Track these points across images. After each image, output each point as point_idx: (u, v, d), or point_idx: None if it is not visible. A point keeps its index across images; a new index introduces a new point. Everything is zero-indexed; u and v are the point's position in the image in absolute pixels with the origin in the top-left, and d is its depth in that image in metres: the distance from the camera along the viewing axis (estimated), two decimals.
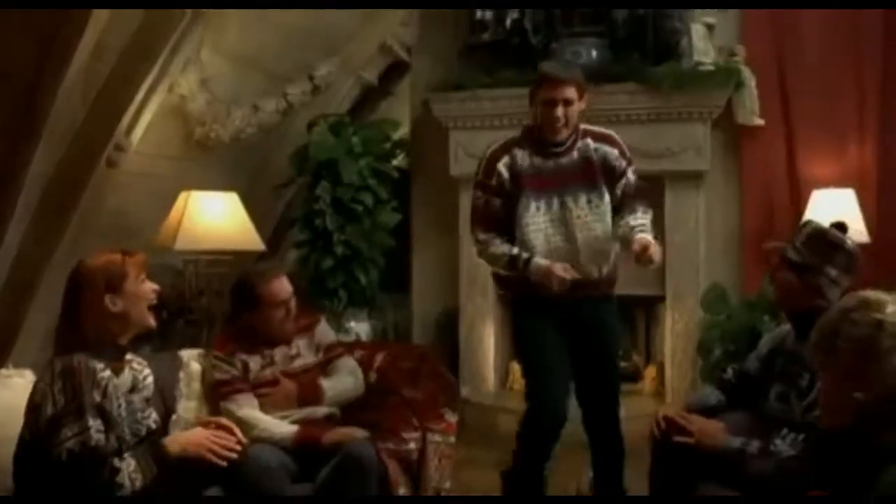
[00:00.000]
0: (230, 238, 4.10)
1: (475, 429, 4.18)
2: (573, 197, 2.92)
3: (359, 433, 2.65)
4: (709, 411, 2.55)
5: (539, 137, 2.95)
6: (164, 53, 3.56)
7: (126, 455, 2.03)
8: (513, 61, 4.57)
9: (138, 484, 2.01)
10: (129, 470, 2.01)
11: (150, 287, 2.23)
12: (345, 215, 4.71)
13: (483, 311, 4.77)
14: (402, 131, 5.27)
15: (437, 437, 2.88)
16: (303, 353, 2.87)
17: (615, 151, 2.97)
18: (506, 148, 2.98)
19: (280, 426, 2.68)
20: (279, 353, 2.84)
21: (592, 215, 2.93)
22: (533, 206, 2.92)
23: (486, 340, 4.79)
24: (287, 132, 4.84)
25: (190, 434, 2.28)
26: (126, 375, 2.20)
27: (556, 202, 2.92)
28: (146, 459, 2.06)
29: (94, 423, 1.99)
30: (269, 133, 4.65)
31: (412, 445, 2.81)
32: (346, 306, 4.81)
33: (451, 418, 2.99)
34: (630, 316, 4.86)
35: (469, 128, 4.66)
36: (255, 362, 2.80)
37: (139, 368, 2.28)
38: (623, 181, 2.97)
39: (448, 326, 4.86)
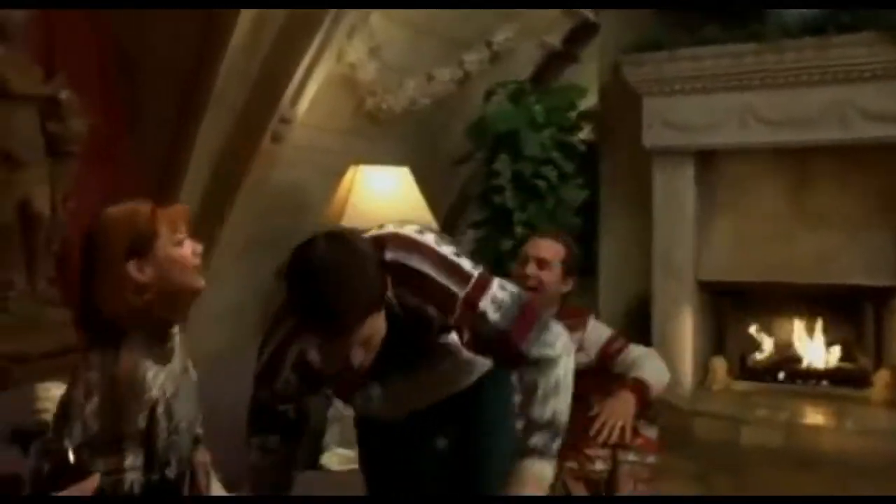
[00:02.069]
0: (401, 216, 3.77)
1: (669, 434, 3.67)
2: (392, 376, 1.86)
3: None
4: None
5: None
6: (327, 20, 3.30)
7: None
8: (717, 16, 4.06)
9: None
10: None
11: (190, 249, 1.68)
12: (526, 192, 4.35)
13: (679, 300, 4.30)
14: (590, 100, 4.83)
15: (632, 457, 2.50)
16: None
17: (433, 304, 1.71)
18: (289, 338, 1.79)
19: None
20: None
21: (428, 381, 1.91)
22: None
23: (682, 332, 4.30)
24: (463, 103, 4.52)
25: None
26: (177, 359, 1.73)
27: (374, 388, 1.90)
28: None
29: (135, 461, 1.57)
30: (444, 104, 4.35)
31: (600, 466, 2.45)
32: None
33: (649, 433, 2.56)
34: (856, 310, 4.25)
35: (667, 93, 4.16)
36: None
37: (174, 334, 1.75)
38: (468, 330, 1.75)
39: (640, 315, 4.38)
